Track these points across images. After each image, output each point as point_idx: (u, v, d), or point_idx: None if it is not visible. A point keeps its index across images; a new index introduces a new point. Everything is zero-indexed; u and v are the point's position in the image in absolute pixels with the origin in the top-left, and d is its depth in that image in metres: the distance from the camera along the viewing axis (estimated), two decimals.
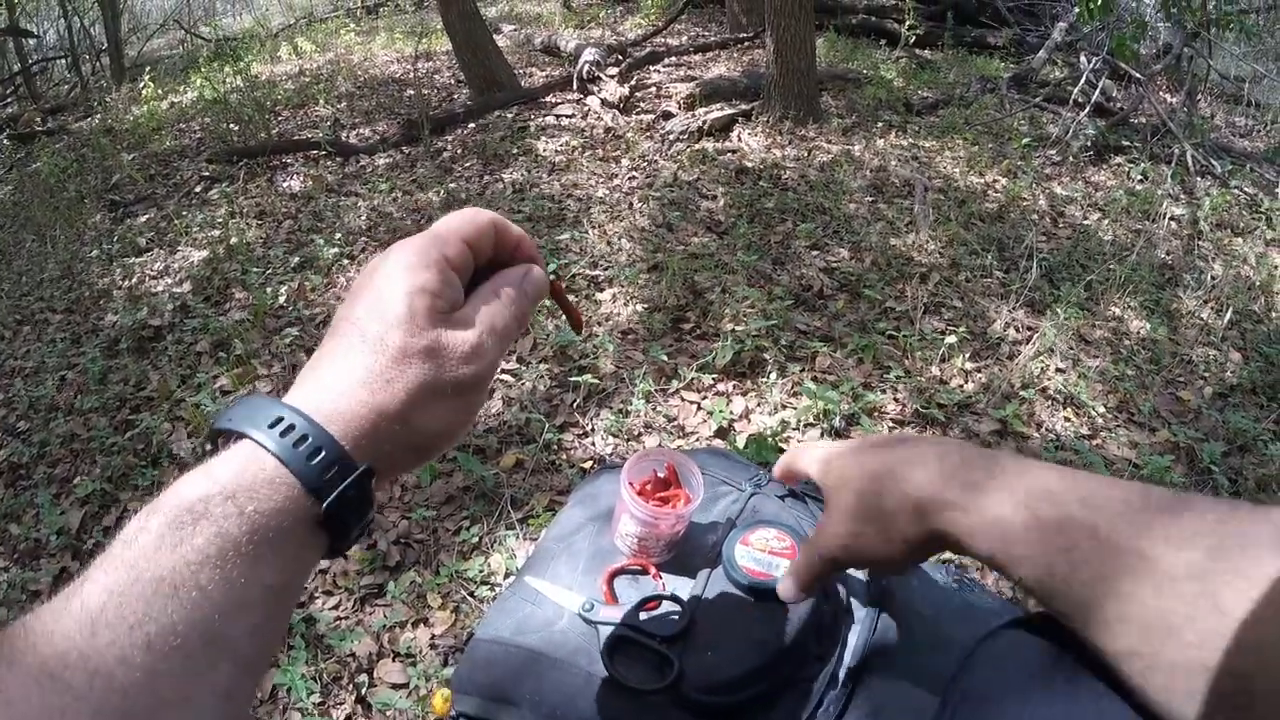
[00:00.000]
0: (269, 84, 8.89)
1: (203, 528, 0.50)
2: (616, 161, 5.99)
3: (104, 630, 0.45)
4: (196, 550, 0.49)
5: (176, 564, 0.48)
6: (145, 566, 0.48)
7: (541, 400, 3.36)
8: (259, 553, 0.51)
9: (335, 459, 0.55)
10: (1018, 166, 6.04)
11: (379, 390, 0.58)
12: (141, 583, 0.47)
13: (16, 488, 3.41)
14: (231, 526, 0.51)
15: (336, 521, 0.55)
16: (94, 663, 0.44)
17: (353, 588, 2.59)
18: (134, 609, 0.46)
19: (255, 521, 0.52)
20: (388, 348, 0.59)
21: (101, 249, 5.44)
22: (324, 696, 2.28)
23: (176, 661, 0.46)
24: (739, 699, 1.00)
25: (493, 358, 0.64)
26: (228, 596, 0.49)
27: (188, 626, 0.47)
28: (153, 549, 0.49)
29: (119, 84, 10.84)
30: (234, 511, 0.51)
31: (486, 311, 0.65)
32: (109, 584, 0.47)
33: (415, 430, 0.60)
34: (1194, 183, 6.03)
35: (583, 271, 4.29)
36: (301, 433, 0.55)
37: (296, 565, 0.54)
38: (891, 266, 4.40)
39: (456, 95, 8.03)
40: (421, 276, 0.61)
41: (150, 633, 0.46)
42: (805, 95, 6.47)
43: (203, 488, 0.52)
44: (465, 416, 0.64)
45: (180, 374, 3.87)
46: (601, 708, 1.01)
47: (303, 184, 6.09)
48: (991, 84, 7.79)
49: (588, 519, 1.27)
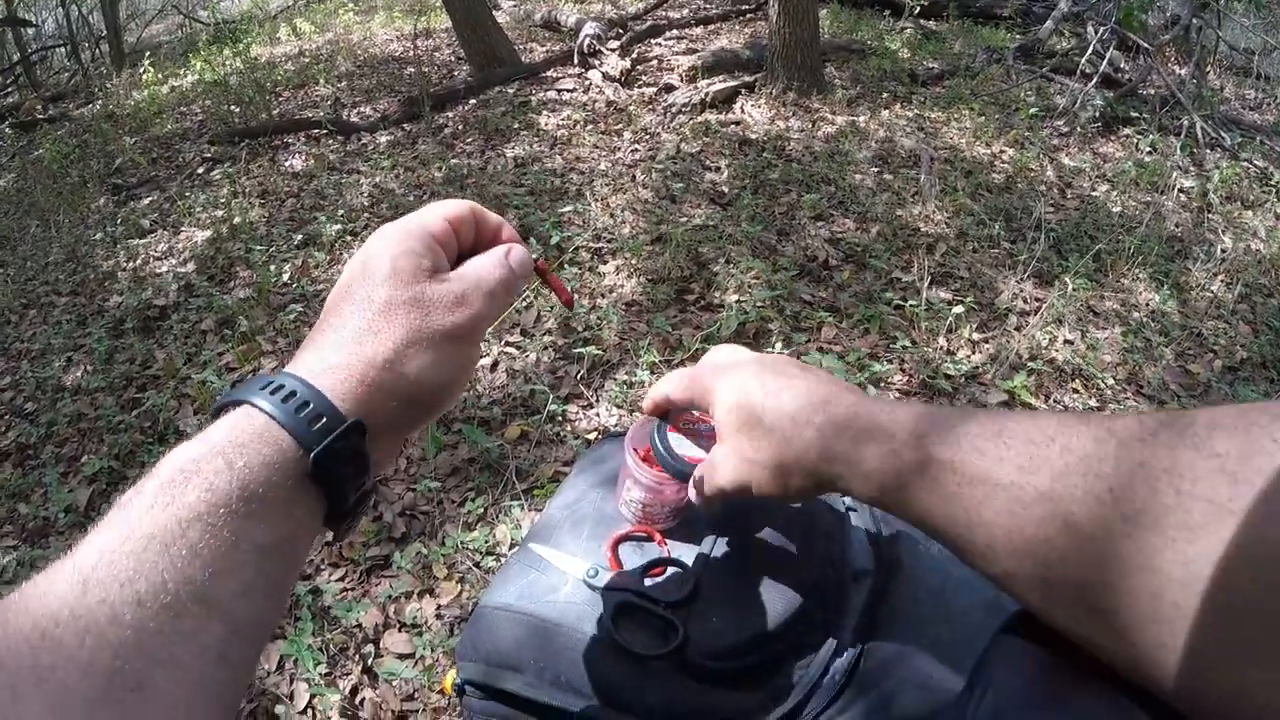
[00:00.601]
0: (269, 65, 8.88)
1: (193, 485, 0.50)
2: (619, 135, 5.96)
3: (95, 588, 0.45)
4: (187, 507, 0.49)
5: (167, 522, 0.48)
6: (137, 525, 0.48)
7: (546, 372, 3.35)
8: (249, 509, 0.51)
9: (323, 411, 0.56)
10: (1025, 137, 6.01)
11: (367, 342, 0.59)
12: (133, 540, 0.47)
13: (25, 467, 3.42)
14: (221, 482, 0.51)
15: (327, 475, 0.55)
16: (85, 621, 0.43)
17: (358, 559, 2.59)
18: (125, 566, 0.46)
19: (244, 476, 0.51)
20: (374, 302, 0.61)
21: (105, 232, 5.44)
22: (330, 667, 2.28)
23: (166, 619, 0.45)
24: (744, 665, 0.99)
25: (479, 310, 0.65)
26: (218, 554, 0.49)
27: (177, 584, 0.46)
28: (145, 509, 0.49)
29: (119, 70, 10.83)
30: (223, 467, 0.51)
31: (472, 270, 0.67)
32: (101, 544, 0.47)
33: (405, 379, 0.60)
34: (1203, 155, 5.99)
35: (586, 244, 4.28)
36: (291, 390, 0.56)
37: (289, 524, 0.54)
38: (898, 237, 4.38)
39: (457, 72, 8.00)
40: (405, 243, 0.64)
41: (140, 590, 0.45)
42: (809, 67, 6.43)
43: (196, 450, 0.52)
44: (457, 369, 0.64)
45: (186, 352, 3.88)
46: (606, 673, 1.00)
47: (305, 163, 6.08)
48: (998, 54, 7.74)
49: (592, 486, 1.26)
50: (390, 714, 2.14)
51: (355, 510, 0.61)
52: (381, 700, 2.18)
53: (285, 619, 2.40)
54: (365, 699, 2.20)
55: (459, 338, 0.63)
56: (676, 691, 0.98)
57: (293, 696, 2.20)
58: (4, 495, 3.25)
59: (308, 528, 0.56)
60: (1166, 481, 0.46)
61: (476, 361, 0.67)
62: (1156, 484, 0.47)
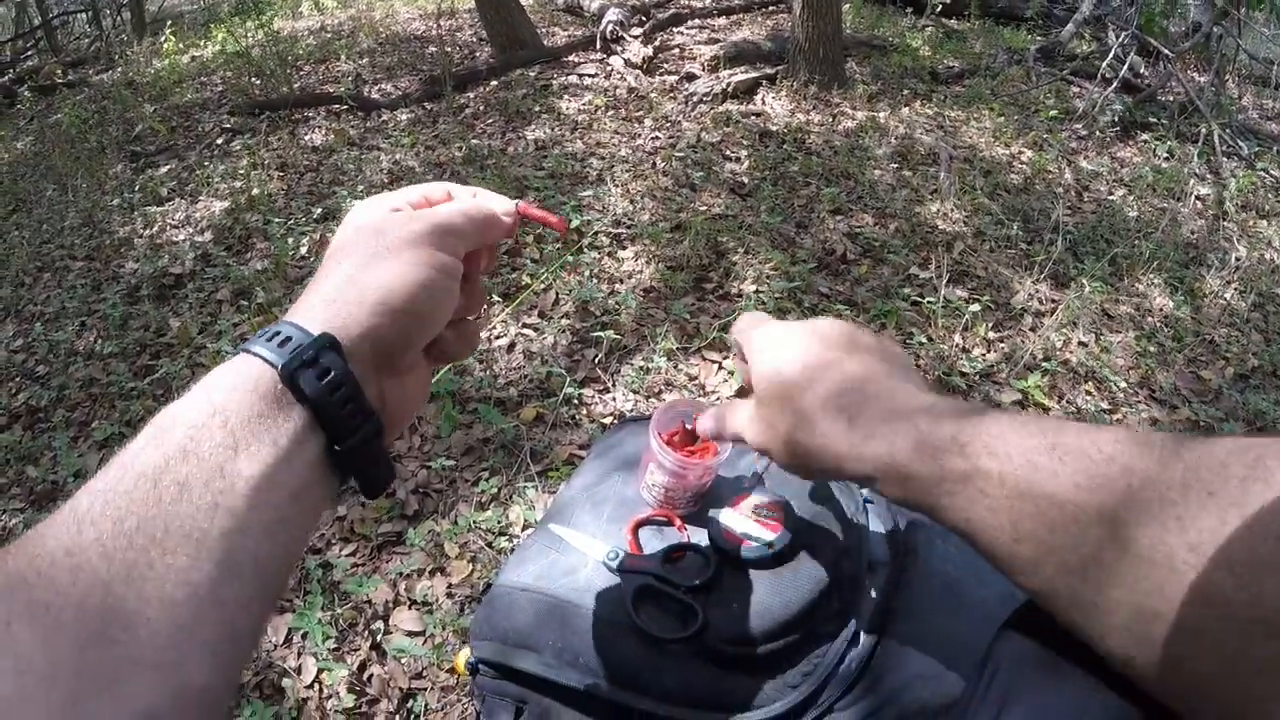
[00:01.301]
0: (290, 39, 8.86)
1: (179, 423, 0.51)
2: (639, 122, 5.95)
3: (89, 528, 0.46)
4: (174, 444, 0.50)
5: (156, 460, 0.49)
6: (130, 466, 0.49)
7: (562, 355, 3.36)
8: (232, 439, 0.52)
9: (290, 334, 0.57)
10: (1044, 139, 5.99)
11: (332, 271, 0.63)
12: (125, 480, 0.48)
13: (35, 430, 3.42)
14: (202, 417, 0.52)
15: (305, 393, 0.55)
16: (78, 559, 0.44)
17: (370, 535, 2.60)
18: (117, 505, 0.47)
19: (223, 407, 0.53)
20: (344, 239, 0.65)
21: (123, 198, 5.43)
22: (339, 642, 2.29)
23: (156, 556, 0.46)
24: (761, 651, 0.99)
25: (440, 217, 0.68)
26: (206, 488, 0.49)
27: (166, 521, 0.47)
28: (138, 450, 0.50)
29: (140, 38, 10.81)
30: (203, 400, 0.53)
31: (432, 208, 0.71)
32: (97, 486, 0.48)
33: (370, 286, 0.62)
34: (1220, 163, 5.97)
35: (606, 229, 4.28)
36: (271, 331, 0.58)
37: (275, 451, 0.53)
38: (915, 234, 4.38)
39: (478, 53, 7.97)
40: (375, 204, 0.69)
41: (130, 528, 0.46)
42: (831, 61, 6.42)
43: (186, 396, 0.54)
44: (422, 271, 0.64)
45: (201, 321, 3.88)
46: (623, 655, 1.01)
47: (325, 138, 6.07)
48: (1018, 56, 7.71)
49: (612, 469, 1.26)
50: (398, 691, 2.15)
51: (367, 444, 0.60)
52: (390, 677, 2.18)
53: (294, 592, 2.41)
54: (373, 675, 2.21)
55: (418, 243, 0.65)
56: (694, 675, 0.99)
57: (300, 670, 2.21)
58: (13, 457, 3.26)
59: (304, 460, 0.56)
60: (1237, 515, 0.45)
61: (451, 271, 0.67)
62: (1227, 517, 0.45)
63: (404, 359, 0.65)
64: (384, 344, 0.62)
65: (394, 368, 0.65)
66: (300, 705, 2.13)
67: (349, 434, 0.58)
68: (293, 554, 0.56)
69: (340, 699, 2.11)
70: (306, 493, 0.56)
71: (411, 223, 0.66)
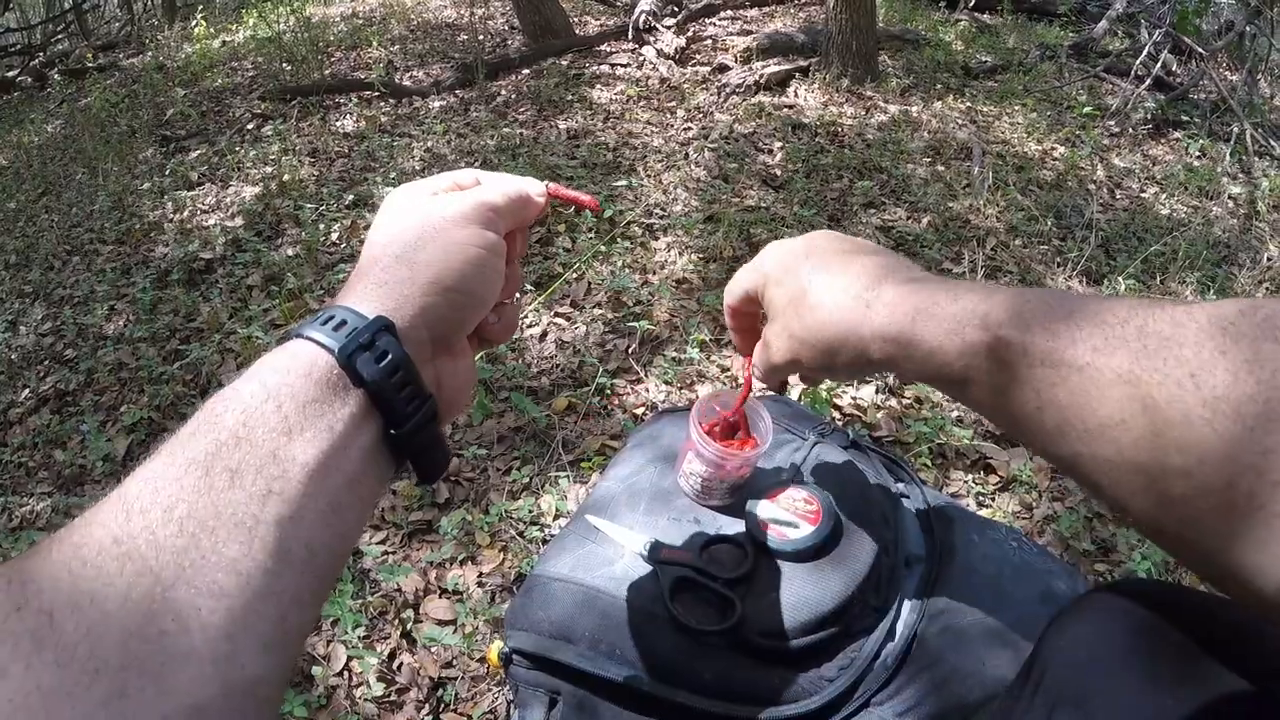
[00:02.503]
0: (322, 24, 8.87)
1: (231, 408, 0.51)
2: (672, 112, 5.94)
3: (138, 516, 0.45)
4: (226, 430, 0.50)
5: (208, 446, 0.49)
6: (180, 452, 0.49)
7: (595, 345, 3.35)
8: (286, 424, 0.51)
9: (346, 318, 0.57)
10: (1076, 136, 5.96)
11: (377, 253, 0.64)
12: (175, 467, 0.48)
13: (63, 414, 3.44)
14: (255, 402, 0.52)
15: (362, 376, 0.55)
16: (126, 547, 0.44)
17: (401, 523, 2.60)
18: (167, 493, 0.46)
19: (275, 390, 0.52)
20: (387, 224, 0.66)
21: (153, 182, 5.46)
22: (369, 630, 2.29)
23: (208, 546, 0.45)
24: (798, 645, 0.99)
25: (480, 197, 0.69)
26: (259, 474, 0.49)
27: (218, 508, 0.47)
28: (188, 436, 0.50)
29: (170, 22, 10.84)
30: (256, 386, 0.52)
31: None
32: (146, 474, 0.48)
33: (419, 265, 0.62)
34: (1251, 163, 5.92)
35: (638, 219, 4.27)
36: (326, 315, 0.58)
37: (330, 437, 0.53)
38: (948, 228, 4.36)
39: (510, 41, 7.98)
40: (414, 186, 0.71)
41: (181, 515, 0.46)
42: (864, 54, 6.39)
43: (237, 381, 0.54)
44: (468, 249, 0.65)
45: (231, 306, 3.89)
46: (660, 646, 1.01)
47: (356, 124, 6.08)
48: (1051, 52, 7.66)
49: (649, 460, 1.27)
50: (428, 680, 2.15)
51: (424, 427, 0.61)
52: (420, 666, 2.19)
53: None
54: (403, 664, 2.21)
55: (465, 222, 0.66)
56: (731, 668, 0.99)
57: (329, 658, 2.21)
58: (41, 441, 3.28)
59: (360, 445, 0.56)
60: (1248, 371, 0.46)
61: (498, 249, 0.68)
62: (1239, 373, 0.47)
63: (458, 339, 0.66)
64: (440, 324, 0.62)
65: (449, 348, 0.65)
66: (330, 693, 2.14)
67: (406, 418, 0.58)
68: (347, 544, 0.55)
69: (370, 687, 2.11)
70: (362, 480, 0.56)
71: (457, 203, 0.67)
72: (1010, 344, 0.59)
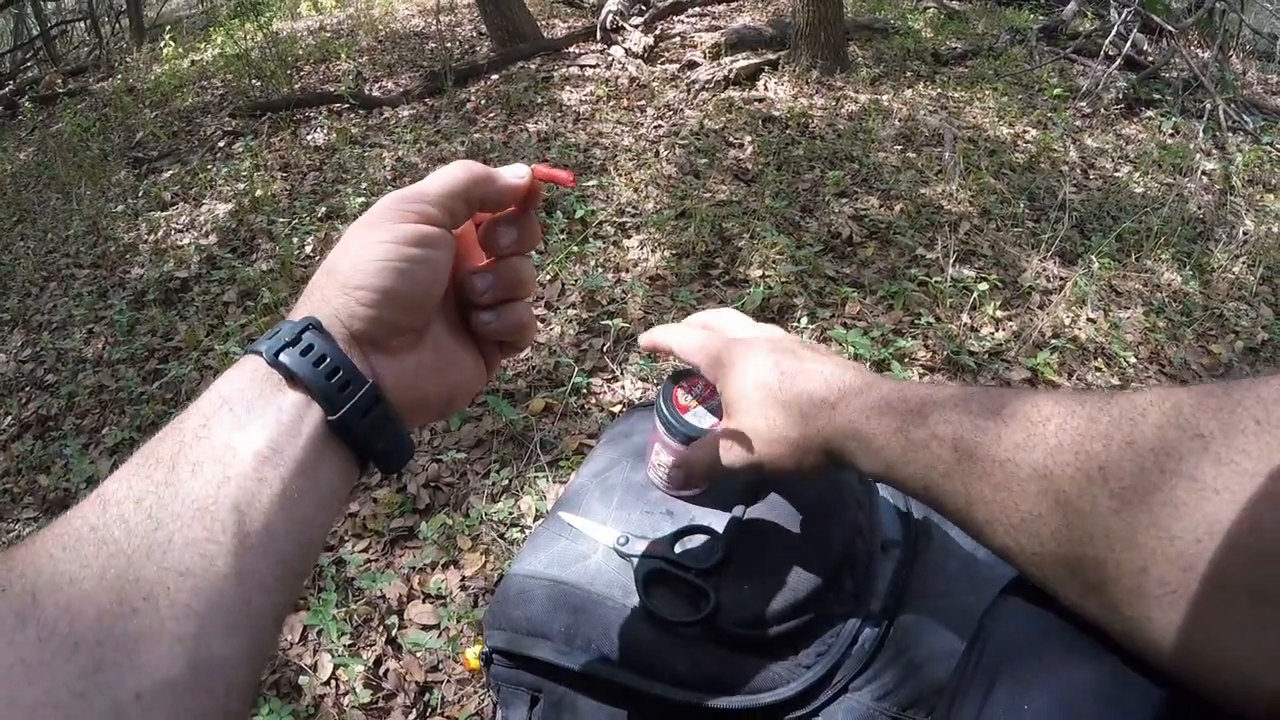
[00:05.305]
0: (290, 39, 8.87)
1: (192, 416, 0.55)
2: (642, 111, 5.95)
3: (113, 506, 0.49)
4: (190, 432, 0.54)
5: (172, 444, 0.53)
6: (151, 452, 0.53)
7: (570, 345, 3.35)
8: (238, 421, 0.55)
9: (282, 327, 0.60)
10: (1048, 118, 5.98)
11: (317, 272, 0.65)
12: (146, 465, 0.51)
13: (45, 439, 3.46)
14: (212, 408, 0.55)
15: (292, 370, 0.57)
16: (101, 533, 0.47)
17: (382, 530, 2.61)
18: (138, 486, 0.50)
19: (227, 396, 0.56)
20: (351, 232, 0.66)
21: (126, 205, 5.47)
22: (354, 638, 2.29)
23: (175, 529, 0.49)
24: (774, 632, 0.99)
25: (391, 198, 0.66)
26: (217, 464, 0.52)
27: (182, 496, 0.50)
28: (157, 441, 0.54)
29: (139, 44, 10.86)
30: (214, 395, 0.56)
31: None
32: (120, 474, 0.52)
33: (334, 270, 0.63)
34: (1225, 138, 5.94)
35: (610, 218, 4.27)
36: (271, 330, 0.61)
37: (277, 428, 0.56)
38: (921, 214, 4.37)
39: (478, 47, 7.97)
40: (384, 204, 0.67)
41: (150, 504, 0.49)
42: (832, 45, 6.41)
43: (200, 397, 0.57)
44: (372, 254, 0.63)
45: (208, 324, 3.90)
46: (636, 640, 1.00)
47: (327, 136, 6.08)
48: (1021, 35, 7.68)
49: (622, 455, 1.26)
50: (414, 685, 2.15)
51: (367, 412, 0.61)
52: (405, 671, 2.19)
53: (309, 590, 2.42)
54: (389, 670, 2.21)
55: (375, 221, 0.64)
56: (706, 658, 0.99)
57: (316, 667, 2.22)
58: (25, 466, 3.29)
59: (306, 432, 0.57)
60: (1153, 460, 0.49)
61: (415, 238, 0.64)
62: (1144, 462, 0.50)
63: (389, 336, 0.65)
64: (354, 320, 0.62)
65: (377, 345, 0.64)
66: (317, 702, 2.14)
67: (343, 402, 0.59)
68: (308, 533, 0.57)
69: (357, 694, 2.12)
70: (317, 468, 0.58)
71: (375, 205, 0.66)
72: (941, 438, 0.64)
